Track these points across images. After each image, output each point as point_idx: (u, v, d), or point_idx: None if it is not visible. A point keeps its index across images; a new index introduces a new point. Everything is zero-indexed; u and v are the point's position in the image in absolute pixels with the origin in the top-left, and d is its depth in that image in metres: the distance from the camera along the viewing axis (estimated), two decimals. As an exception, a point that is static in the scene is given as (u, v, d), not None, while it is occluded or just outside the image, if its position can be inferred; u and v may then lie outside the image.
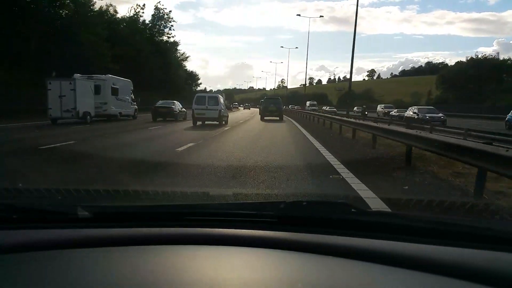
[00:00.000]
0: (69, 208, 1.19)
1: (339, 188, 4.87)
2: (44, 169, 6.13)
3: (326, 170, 6.17)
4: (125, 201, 1.89)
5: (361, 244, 0.96)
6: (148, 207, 1.37)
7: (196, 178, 5.28)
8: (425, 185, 5.14)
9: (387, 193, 4.40)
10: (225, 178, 5.37)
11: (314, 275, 0.87)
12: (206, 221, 1.13)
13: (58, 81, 18.86)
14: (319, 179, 5.56)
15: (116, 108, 23.24)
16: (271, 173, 5.59)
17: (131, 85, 26.49)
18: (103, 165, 6.57)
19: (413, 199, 2.93)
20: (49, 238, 1.02)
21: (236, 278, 0.83)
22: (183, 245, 1.00)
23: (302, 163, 7.06)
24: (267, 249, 0.97)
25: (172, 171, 5.90)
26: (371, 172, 6.19)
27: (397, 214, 1.60)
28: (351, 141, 11.65)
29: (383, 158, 7.90)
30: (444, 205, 2.27)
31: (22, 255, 0.93)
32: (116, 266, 0.91)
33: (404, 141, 7.00)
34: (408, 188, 4.93)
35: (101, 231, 1.06)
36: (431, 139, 5.93)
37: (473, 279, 0.81)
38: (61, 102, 18.77)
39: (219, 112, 19.01)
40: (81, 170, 6.01)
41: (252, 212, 1.16)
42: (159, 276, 0.82)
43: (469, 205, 2.30)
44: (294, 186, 4.85)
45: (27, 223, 1.10)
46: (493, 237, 1.00)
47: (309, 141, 11.54)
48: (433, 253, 0.91)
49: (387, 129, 8.64)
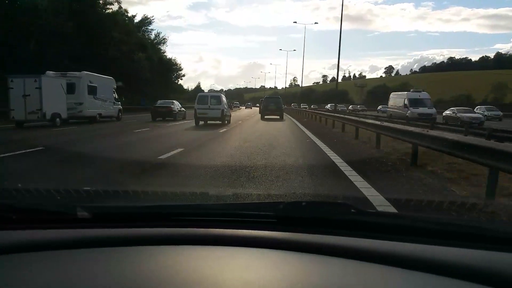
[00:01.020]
0: (68, 208, 1.25)
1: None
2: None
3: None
4: (125, 202, 1.94)
5: (361, 244, 1.02)
6: (147, 207, 1.41)
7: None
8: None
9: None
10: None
11: (314, 275, 0.92)
12: (206, 222, 1.19)
13: (22, 78, 17.23)
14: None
15: (94, 109, 21.78)
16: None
17: (114, 83, 25.17)
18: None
19: (412, 199, 3.05)
20: (48, 239, 1.08)
21: (236, 279, 0.88)
22: (183, 246, 1.05)
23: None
24: (267, 249, 1.02)
25: (145, 186, 4.94)
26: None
27: (397, 214, 1.69)
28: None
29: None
30: (444, 205, 2.37)
31: (21, 256, 0.99)
32: (115, 266, 0.96)
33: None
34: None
35: (100, 231, 1.12)
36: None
37: (473, 279, 0.85)
38: (25, 103, 17.02)
39: (222, 112, 19.25)
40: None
41: (252, 212, 1.23)
42: (158, 276, 0.88)
43: (468, 205, 2.51)
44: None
45: (26, 223, 1.16)
46: (494, 237, 1.06)
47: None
48: (434, 253, 0.96)
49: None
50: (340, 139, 12.29)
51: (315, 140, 12.00)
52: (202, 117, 19.19)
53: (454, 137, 5.71)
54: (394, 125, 9.18)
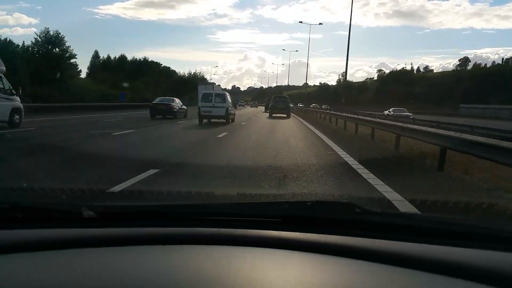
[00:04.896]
0: (73, 207, 1.26)
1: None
2: None
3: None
4: (130, 201, 1.94)
5: (365, 244, 1.02)
6: (152, 206, 1.42)
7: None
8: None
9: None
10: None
11: (319, 275, 0.92)
12: (211, 221, 1.19)
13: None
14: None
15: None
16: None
17: (2, 65, 14.31)
18: None
19: (428, 200, 3.01)
20: (53, 238, 1.08)
21: (241, 278, 0.89)
22: (188, 245, 1.06)
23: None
24: (272, 249, 1.03)
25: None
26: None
27: (401, 214, 1.70)
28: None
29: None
30: (449, 205, 2.36)
31: (26, 255, 1.00)
32: (120, 265, 0.97)
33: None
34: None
35: (105, 231, 1.12)
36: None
37: (478, 279, 0.85)
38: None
39: (226, 110, 19.06)
40: None
41: (257, 212, 1.23)
42: (163, 275, 0.89)
43: (473, 205, 2.42)
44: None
45: (31, 222, 1.17)
46: (496, 237, 1.06)
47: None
48: (438, 253, 0.96)
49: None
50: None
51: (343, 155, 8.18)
52: (206, 115, 19.01)
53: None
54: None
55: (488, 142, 5.54)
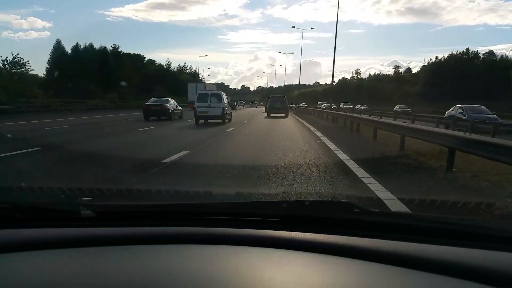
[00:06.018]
0: (72, 206, 1.26)
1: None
2: None
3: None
4: (128, 200, 1.97)
5: (364, 243, 1.02)
6: (150, 206, 1.41)
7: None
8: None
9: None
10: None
11: (317, 274, 0.92)
12: (209, 221, 1.19)
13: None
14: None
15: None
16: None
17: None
18: None
19: (426, 200, 2.83)
20: (51, 237, 1.08)
21: (239, 278, 0.89)
22: (186, 245, 1.06)
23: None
24: (270, 248, 1.03)
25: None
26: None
27: (400, 213, 1.70)
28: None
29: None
30: (447, 204, 2.35)
31: (26, 254, 1.00)
32: (118, 265, 0.97)
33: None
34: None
35: (104, 230, 1.13)
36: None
37: (475, 279, 0.86)
38: None
39: (222, 110, 18.92)
40: None
41: (255, 211, 1.23)
42: (162, 275, 0.88)
43: (471, 205, 2.44)
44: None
45: (30, 222, 1.17)
46: (498, 237, 1.06)
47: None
48: (436, 252, 0.96)
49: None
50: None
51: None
52: (202, 115, 18.86)
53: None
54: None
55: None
